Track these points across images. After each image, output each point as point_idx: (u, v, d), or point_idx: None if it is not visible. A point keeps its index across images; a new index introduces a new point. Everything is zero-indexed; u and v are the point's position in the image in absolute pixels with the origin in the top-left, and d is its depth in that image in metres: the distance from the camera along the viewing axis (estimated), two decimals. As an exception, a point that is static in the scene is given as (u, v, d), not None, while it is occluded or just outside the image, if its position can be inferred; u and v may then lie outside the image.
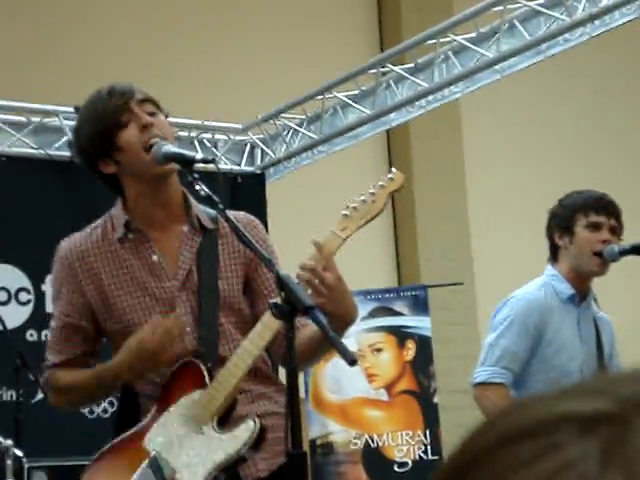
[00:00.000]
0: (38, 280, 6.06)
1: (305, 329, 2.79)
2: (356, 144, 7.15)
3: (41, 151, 6.56)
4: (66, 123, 6.37)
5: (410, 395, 6.65)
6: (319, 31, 9.10)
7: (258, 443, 2.71)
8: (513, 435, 0.54)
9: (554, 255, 3.88)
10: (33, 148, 6.55)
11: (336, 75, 6.65)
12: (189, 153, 2.74)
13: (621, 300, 7.55)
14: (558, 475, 0.51)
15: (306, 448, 2.58)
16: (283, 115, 7.06)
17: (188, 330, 2.78)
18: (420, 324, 6.72)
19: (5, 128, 6.45)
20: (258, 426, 2.70)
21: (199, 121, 6.97)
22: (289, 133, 7.17)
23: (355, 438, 6.58)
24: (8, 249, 6.03)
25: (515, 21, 5.79)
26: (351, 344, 5.73)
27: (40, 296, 6.06)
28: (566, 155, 9.86)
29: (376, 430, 6.58)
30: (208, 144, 7.09)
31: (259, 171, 7.34)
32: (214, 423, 2.72)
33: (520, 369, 3.74)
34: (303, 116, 7.01)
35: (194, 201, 2.85)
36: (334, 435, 6.63)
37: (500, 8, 5.76)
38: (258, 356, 2.73)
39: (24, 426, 4.80)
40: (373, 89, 6.57)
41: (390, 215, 9.36)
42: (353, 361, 2.38)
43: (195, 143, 6.96)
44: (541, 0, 5.65)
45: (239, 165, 7.29)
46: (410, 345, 6.69)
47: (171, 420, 2.75)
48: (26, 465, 5.01)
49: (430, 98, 6.48)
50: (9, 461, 4.49)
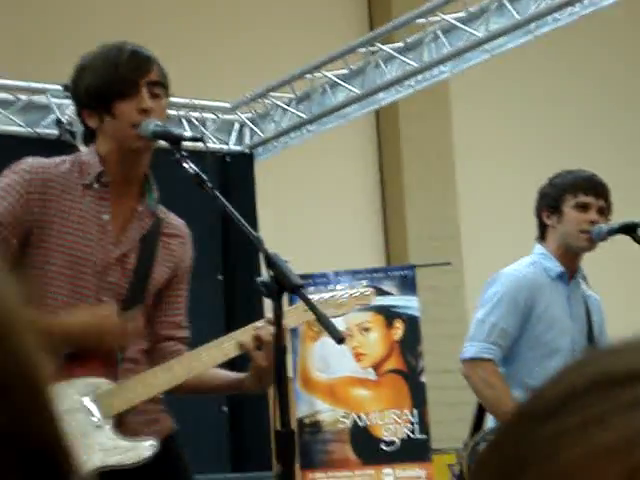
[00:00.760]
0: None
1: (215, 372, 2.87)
2: (345, 123, 7.14)
3: (29, 129, 6.53)
4: (54, 101, 6.34)
5: (398, 374, 6.67)
6: (308, 9, 9.06)
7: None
8: (615, 378, 0.52)
9: (542, 234, 3.90)
10: (21, 126, 6.53)
11: (325, 54, 6.63)
12: (177, 131, 2.74)
13: (610, 279, 7.57)
14: None
15: (294, 427, 2.59)
16: (272, 94, 7.04)
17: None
18: (408, 304, 6.73)
19: (-8, 106, 6.43)
20: (157, 449, 2.69)
21: (187, 99, 6.94)
22: (278, 112, 7.15)
23: (343, 417, 6.60)
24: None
25: (504, 0, 5.78)
26: (339, 323, 5.73)
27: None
28: (556, 135, 9.86)
29: (364, 409, 6.60)
30: (196, 123, 7.06)
31: (248, 150, 7.32)
32: (113, 422, 2.69)
33: (509, 345, 3.75)
34: (292, 95, 6.99)
35: (155, 187, 2.84)
36: (322, 414, 6.65)
37: (490, -13, 5.75)
38: (192, 374, 2.75)
39: None
40: (362, 68, 6.56)
41: (379, 195, 9.37)
42: (341, 339, 2.39)
43: (183, 122, 6.94)
44: (531, -21, 5.64)
45: (227, 144, 7.27)
46: (398, 325, 6.70)
47: (69, 395, 2.66)
48: None
49: (419, 77, 6.46)
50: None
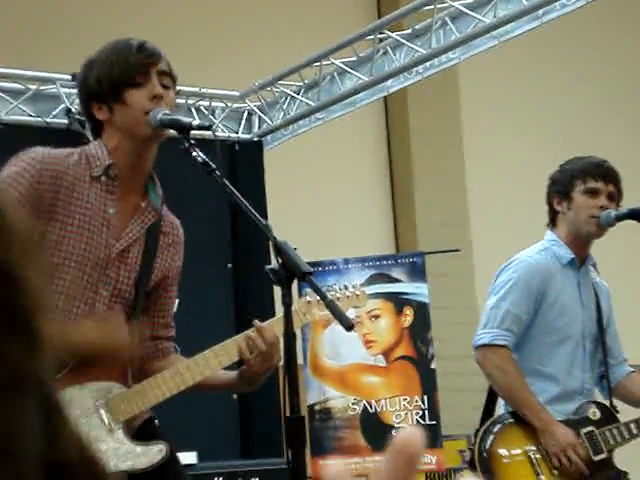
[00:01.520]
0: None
1: (178, 361, 2.88)
2: (353, 111, 7.14)
3: (38, 119, 6.55)
4: (63, 91, 6.36)
5: (408, 361, 6.68)
6: (316, -3, 9.05)
7: None
8: None
9: (553, 220, 3.91)
10: (30, 116, 6.55)
11: (333, 41, 6.63)
12: (186, 119, 2.75)
13: (619, 266, 7.57)
14: None
15: (304, 414, 2.60)
16: (280, 82, 7.04)
17: (106, 299, 2.76)
18: (418, 291, 6.73)
19: (2, 96, 6.44)
20: (168, 453, 2.71)
21: (196, 88, 6.95)
22: (286, 100, 7.16)
23: (353, 404, 6.62)
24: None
25: (512, -13, 5.77)
26: (349, 310, 5.74)
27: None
28: (565, 122, 9.85)
29: (374, 396, 6.61)
30: (205, 111, 7.07)
31: (256, 138, 7.33)
32: (124, 426, 2.71)
33: (522, 331, 3.76)
34: (300, 83, 6.99)
35: (158, 183, 2.86)
36: (332, 401, 6.67)
37: (498, -26, 5.74)
38: (198, 380, 2.77)
39: None
40: (370, 56, 6.55)
41: (388, 182, 9.37)
42: (350, 326, 2.40)
43: (192, 110, 6.95)
44: (539, -35, 5.62)
45: (236, 132, 7.28)
46: (408, 311, 6.71)
47: (81, 398, 2.67)
48: None
49: (427, 64, 6.46)
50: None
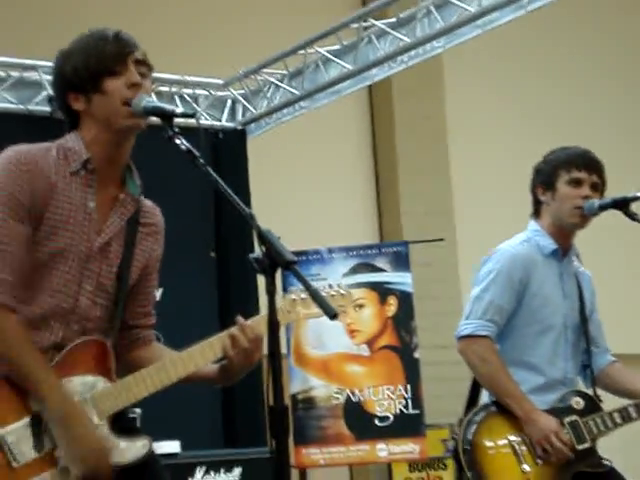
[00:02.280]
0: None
1: (158, 349, 2.89)
2: (338, 100, 7.13)
3: (20, 106, 6.52)
4: (45, 78, 6.32)
5: (391, 350, 6.69)
6: (301, -15, 9.02)
7: None
8: None
9: (537, 210, 3.91)
10: (12, 103, 6.51)
11: (318, 30, 6.61)
12: (169, 107, 2.72)
13: (603, 257, 7.58)
14: None
15: (287, 403, 2.60)
16: (264, 70, 7.03)
17: (90, 294, 2.74)
18: (401, 280, 6.74)
19: (-16, 83, 6.41)
20: (151, 448, 2.70)
21: (179, 76, 6.93)
22: (270, 88, 7.14)
23: (337, 393, 6.63)
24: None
25: (497, -25, 5.77)
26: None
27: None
28: (549, 111, 9.86)
29: (357, 385, 6.62)
30: (188, 99, 7.05)
31: (240, 127, 7.31)
32: (108, 421, 2.68)
33: (505, 322, 3.77)
34: (285, 71, 6.98)
35: (136, 172, 2.84)
36: (316, 390, 6.67)
37: (482, -38, 5.73)
38: (184, 376, 2.74)
39: None
40: (355, 44, 6.54)
41: (372, 171, 9.36)
42: (334, 315, 2.38)
43: (175, 98, 6.92)
44: (523, -46, 5.62)
45: (220, 121, 7.26)
46: (392, 301, 6.72)
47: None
48: None
49: (412, 53, 6.46)
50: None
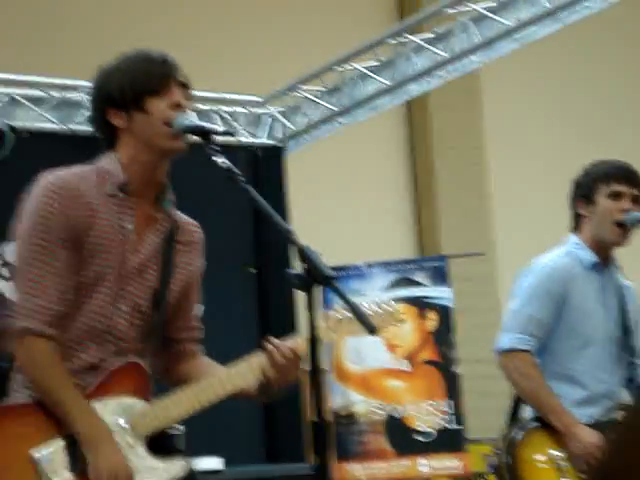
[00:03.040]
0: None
1: (203, 364, 2.90)
2: (376, 115, 7.14)
3: (62, 126, 6.59)
4: (86, 97, 6.38)
5: (432, 365, 6.67)
6: (337, 1, 9.06)
7: None
8: None
9: (577, 224, 3.89)
10: (54, 123, 6.58)
11: (355, 46, 6.63)
12: (209, 125, 2.74)
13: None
14: None
15: (329, 418, 2.60)
16: (302, 87, 7.06)
17: (126, 314, 2.75)
18: (441, 294, 6.73)
19: (26, 103, 6.48)
20: (189, 469, 2.72)
21: (218, 94, 6.97)
22: (308, 105, 7.17)
23: (378, 408, 6.62)
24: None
25: (534, -11, 5.76)
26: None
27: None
28: (588, 125, 9.81)
29: (398, 400, 6.61)
30: (227, 117, 7.09)
31: (279, 143, 7.34)
32: (146, 442, 2.70)
33: (545, 335, 3.75)
34: (322, 88, 7.00)
35: (170, 189, 2.84)
36: (357, 406, 6.66)
37: (519, -24, 5.73)
38: (222, 397, 2.75)
39: None
40: (392, 60, 6.56)
41: (410, 186, 9.36)
42: (374, 330, 2.39)
43: (214, 116, 6.97)
44: (560, -32, 5.61)
45: (259, 138, 7.29)
46: (431, 316, 6.71)
47: (104, 414, 2.67)
48: None
49: (449, 68, 6.46)
50: None
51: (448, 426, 6.53)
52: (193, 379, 2.79)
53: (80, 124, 6.58)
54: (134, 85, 2.74)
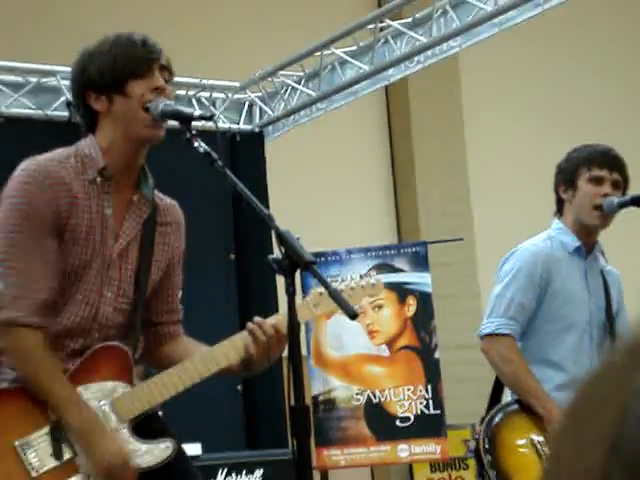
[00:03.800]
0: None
1: (185, 343, 2.90)
2: (355, 101, 7.13)
3: (39, 111, 6.55)
4: (64, 83, 6.35)
5: (411, 351, 6.67)
6: (316, -13, 9.03)
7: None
8: None
9: (560, 208, 3.90)
10: (31, 109, 6.54)
11: (334, 31, 6.61)
12: (188, 109, 2.74)
13: (628, 252, 7.55)
14: None
15: (308, 404, 2.60)
16: (281, 72, 7.03)
17: (111, 300, 2.74)
18: (420, 280, 6.72)
19: (3, 89, 6.43)
20: (174, 451, 2.71)
21: (197, 79, 6.94)
22: (287, 90, 7.14)
23: (357, 394, 6.62)
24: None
25: (513, -26, 5.75)
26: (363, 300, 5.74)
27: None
28: (567, 108, 9.83)
29: (378, 386, 6.61)
30: (206, 102, 7.06)
31: (258, 129, 7.32)
32: (130, 426, 2.70)
33: (527, 320, 3.76)
34: (301, 73, 6.98)
35: (149, 173, 2.84)
36: (336, 391, 6.66)
37: (498, -39, 5.72)
38: (205, 377, 2.75)
39: None
40: (371, 45, 6.54)
41: (390, 172, 9.36)
42: (354, 315, 2.39)
43: (193, 102, 6.94)
44: (539, -48, 5.61)
45: (237, 124, 7.27)
46: (411, 301, 6.70)
47: (87, 399, 2.67)
48: None
49: (428, 53, 6.45)
50: None
51: (427, 411, 6.54)
52: (176, 360, 2.79)
53: (57, 110, 6.54)
54: (115, 68, 2.72)
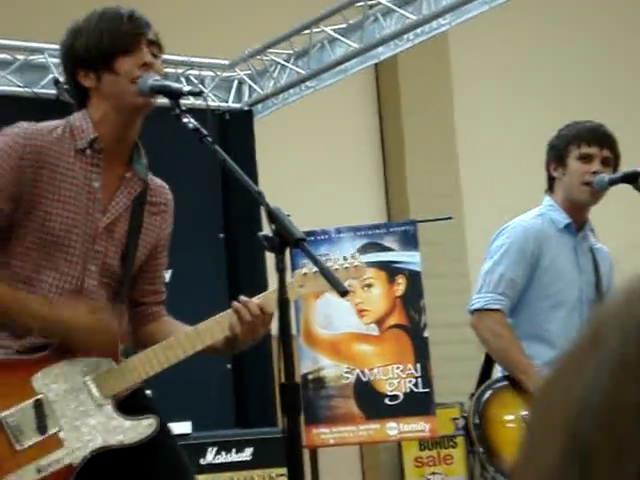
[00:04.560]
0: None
1: (167, 324, 2.90)
2: (344, 79, 7.10)
3: (27, 89, 6.51)
4: (52, 61, 6.31)
5: (400, 329, 6.68)
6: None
7: None
8: None
9: (550, 186, 3.91)
10: (19, 86, 6.50)
11: (323, 9, 6.58)
12: (177, 85, 2.72)
13: (617, 229, 7.56)
14: None
15: (298, 381, 2.60)
16: (270, 50, 7.00)
17: (95, 274, 2.74)
18: (410, 259, 6.72)
19: (-10, 66, 6.40)
20: (158, 427, 2.71)
21: (185, 57, 6.91)
22: (276, 69, 7.12)
23: (346, 372, 6.63)
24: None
25: (503, -49, 5.74)
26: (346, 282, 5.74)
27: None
28: (556, 89, 9.82)
29: (367, 364, 6.62)
30: (195, 80, 7.03)
31: (247, 107, 7.29)
32: (113, 401, 2.69)
33: (517, 296, 3.77)
34: (290, 51, 6.95)
35: (143, 151, 2.83)
36: (325, 370, 6.67)
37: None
38: (191, 354, 2.75)
39: None
40: (360, 23, 6.51)
41: (379, 151, 9.34)
42: (344, 292, 2.39)
43: (181, 79, 6.90)
44: None
45: (226, 102, 7.25)
46: (400, 280, 6.70)
47: (71, 373, 2.67)
48: None
49: (418, 31, 6.43)
50: None
51: (416, 390, 6.55)
52: (159, 339, 2.79)
53: (45, 88, 6.50)
54: (102, 45, 2.70)
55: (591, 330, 0.58)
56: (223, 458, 5.71)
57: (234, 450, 5.73)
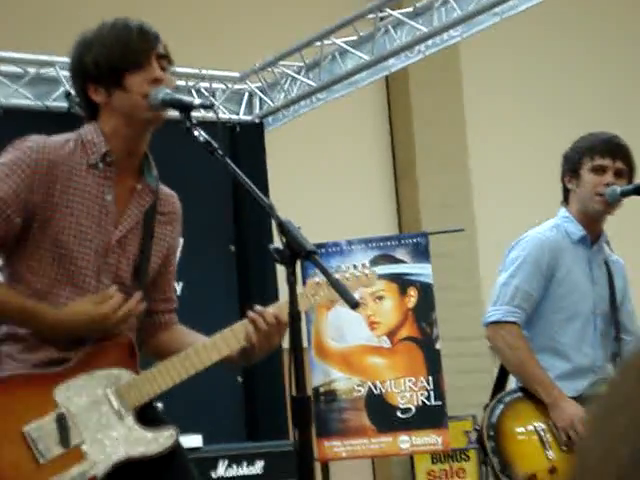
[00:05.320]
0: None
1: (180, 332, 2.90)
2: (355, 91, 7.10)
3: (38, 102, 6.52)
4: (63, 73, 6.32)
5: (412, 342, 6.66)
6: (316, -23, 8.99)
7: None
8: None
9: (566, 197, 3.91)
10: (30, 99, 6.51)
11: (334, 21, 6.58)
12: (187, 98, 2.72)
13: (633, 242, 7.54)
14: None
15: (309, 394, 2.59)
16: (281, 63, 7.01)
17: (109, 287, 2.74)
18: (421, 271, 6.71)
19: (2, 80, 6.41)
20: (177, 438, 2.71)
21: (196, 70, 6.91)
22: (287, 81, 7.12)
23: (358, 385, 6.61)
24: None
25: (514, -37, 5.73)
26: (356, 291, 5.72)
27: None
28: (568, 98, 9.80)
29: (379, 377, 6.60)
30: (206, 93, 7.04)
31: (258, 120, 7.29)
32: (134, 413, 2.69)
33: (532, 308, 3.76)
34: (301, 63, 6.95)
35: (153, 162, 2.83)
36: (337, 383, 6.65)
37: (499, -50, 5.70)
38: (209, 365, 2.75)
39: None
40: (372, 35, 6.51)
41: (390, 162, 9.33)
42: (356, 304, 2.38)
43: (192, 92, 6.91)
44: (541, -59, 5.58)
45: (237, 114, 7.25)
46: (412, 292, 6.69)
47: (92, 386, 2.67)
48: None
49: (429, 43, 6.42)
50: None
51: (428, 402, 6.53)
52: (173, 348, 2.79)
53: (56, 100, 6.51)
54: (112, 61, 2.70)
55: (636, 364, 0.55)
56: (234, 471, 5.69)
57: (245, 463, 5.71)
